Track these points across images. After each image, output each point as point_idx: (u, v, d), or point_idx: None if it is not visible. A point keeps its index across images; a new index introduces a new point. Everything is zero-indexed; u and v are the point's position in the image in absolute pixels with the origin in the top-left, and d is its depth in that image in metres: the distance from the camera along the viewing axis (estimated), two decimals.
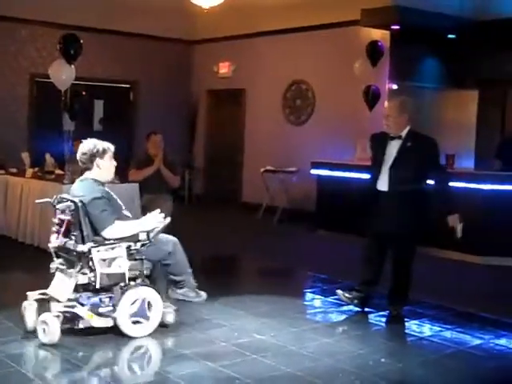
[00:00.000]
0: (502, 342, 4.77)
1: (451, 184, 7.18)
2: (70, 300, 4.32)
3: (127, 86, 12.01)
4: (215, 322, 4.87)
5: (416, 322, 5.16)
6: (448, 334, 4.90)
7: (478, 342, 4.73)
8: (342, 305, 5.47)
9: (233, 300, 5.51)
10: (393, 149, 5.08)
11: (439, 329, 5.02)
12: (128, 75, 11.80)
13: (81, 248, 4.32)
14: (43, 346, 4.18)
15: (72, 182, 7.30)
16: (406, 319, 5.22)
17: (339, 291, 5.48)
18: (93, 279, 4.29)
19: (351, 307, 5.41)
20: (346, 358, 4.23)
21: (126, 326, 4.37)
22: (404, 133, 5.08)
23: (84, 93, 8.43)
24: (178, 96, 12.29)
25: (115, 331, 4.38)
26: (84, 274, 4.31)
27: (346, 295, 5.40)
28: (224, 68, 12.06)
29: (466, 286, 6.48)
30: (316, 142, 10.38)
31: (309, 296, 6.09)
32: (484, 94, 10.30)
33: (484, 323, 5.16)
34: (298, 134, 10.87)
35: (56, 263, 4.42)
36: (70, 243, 4.35)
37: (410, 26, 9.02)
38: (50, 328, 4.16)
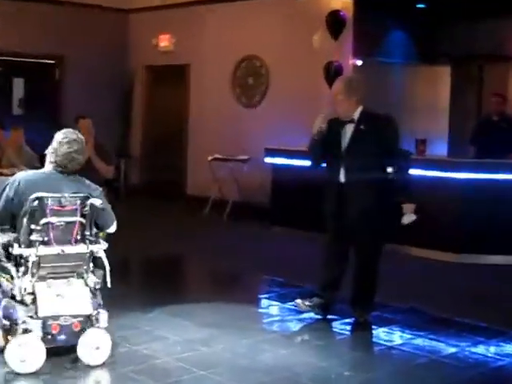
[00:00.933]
0: (480, 349, 4.84)
1: (421, 172, 7.41)
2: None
3: (52, 61, 11.86)
4: (156, 335, 4.82)
5: (384, 329, 5.21)
6: (420, 341, 4.96)
7: (452, 350, 4.78)
8: (302, 312, 5.50)
9: (177, 309, 5.48)
10: (347, 134, 5.17)
11: (410, 336, 5.07)
12: (53, 49, 11.62)
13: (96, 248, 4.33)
14: None
15: None
16: (373, 326, 5.27)
17: (298, 300, 5.52)
18: (99, 281, 4.33)
19: (312, 314, 5.43)
20: (305, 372, 4.25)
21: None
22: (356, 115, 5.15)
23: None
24: (112, 73, 12.18)
25: None
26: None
27: (307, 303, 5.44)
28: (164, 41, 12.00)
29: (439, 288, 6.55)
30: (271, 126, 10.42)
31: (264, 303, 6.10)
32: (458, 71, 10.47)
33: (460, 329, 5.21)
34: (251, 117, 10.90)
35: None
36: (84, 247, 4.30)
37: None
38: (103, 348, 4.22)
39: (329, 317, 5.39)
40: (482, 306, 5.88)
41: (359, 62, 9.80)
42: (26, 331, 4.03)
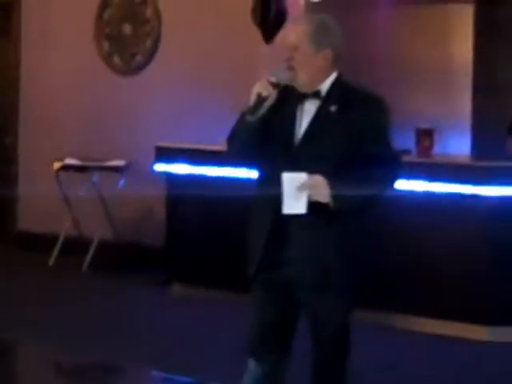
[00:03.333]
0: None
1: (424, 186, 7.45)
2: None
3: None
4: None
5: None
6: None
7: None
8: None
9: None
10: (304, 117, 5.03)
11: None
12: None
13: None
14: None
15: None
16: None
17: None
18: None
19: None
20: None
21: None
22: (325, 86, 5.02)
23: None
24: None
25: None
26: None
27: None
28: None
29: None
30: (165, 108, 10.49)
31: None
32: (486, 12, 10.44)
33: None
34: (129, 92, 10.91)
35: None
36: None
37: None
38: None
39: None
40: None
41: None
42: None
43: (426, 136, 8.57)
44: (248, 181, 8.16)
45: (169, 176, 9.43)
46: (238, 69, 9.68)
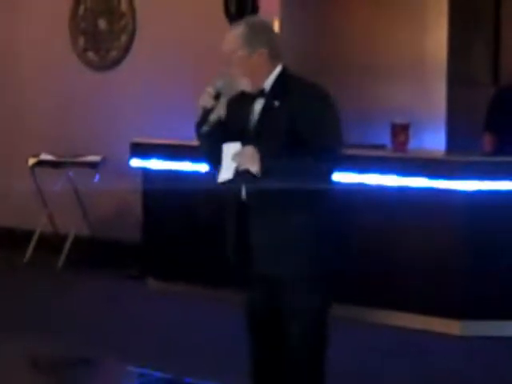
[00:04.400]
0: None
1: (399, 181, 7.59)
2: None
3: None
4: None
5: None
6: None
7: None
8: None
9: None
10: (254, 116, 5.20)
11: None
12: None
13: None
14: None
15: None
16: None
17: None
18: None
19: None
20: None
21: None
22: (268, 84, 5.17)
23: None
24: None
25: None
26: None
27: None
28: None
29: (432, 376, 6.81)
30: (140, 104, 10.52)
31: None
32: (460, 1, 10.50)
33: None
34: (104, 87, 10.94)
35: None
36: None
37: None
38: None
39: None
40: None
41: None
42: None
43: (401, 131, 8.56)
44: None
45: (145, 171, 9.47)
46: (213, 64, 9.67)
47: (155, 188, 9.32)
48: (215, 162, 5.25)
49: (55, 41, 11.15)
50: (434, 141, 9.84)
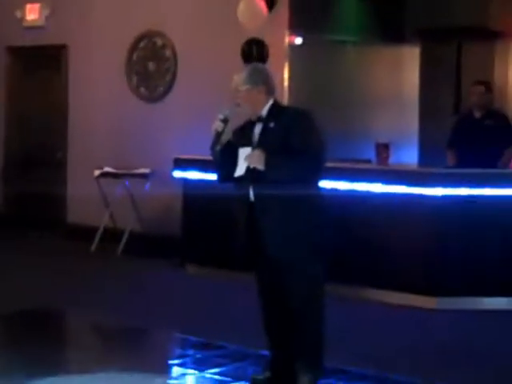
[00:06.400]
0: None
1: (382, 188, 7.96)
2: None
3: None
4: None
5: None
6: None
7: None
8: (226, 382, 5.53)
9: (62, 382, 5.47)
10: (255, 136, 5.42)
11: None
12: None
13: None
14: None
15: None
16: None
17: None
18: None
19: None
20: None
21: None
22: (264, 111, 5.41)
23: None
24: None
25: None
26: None
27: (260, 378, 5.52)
28: (33, 13, 11.88)
29: (414, 345, 6.59)
30: (181, 128, 10.41)
31: (175, 371, 6.07)
32: (429, 52, 10.55)
33: None
34: (153, 116, 10.83)
35: None
36: None
37: None
38: None
39: None
40: (469, 369, 5.94)
41: (298, 41, 9.90)
42: None
43: (383, 149, 8.67)
44: None
45: (184, 181, 9.40)
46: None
47: (192, 194, 9.26)
48: (226, 173, 5.46)
49: (115, 80, 11.16)
50: (408, 157, 9.97)
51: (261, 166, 5.17)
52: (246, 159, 5.25)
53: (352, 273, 7.90)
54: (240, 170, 5.27)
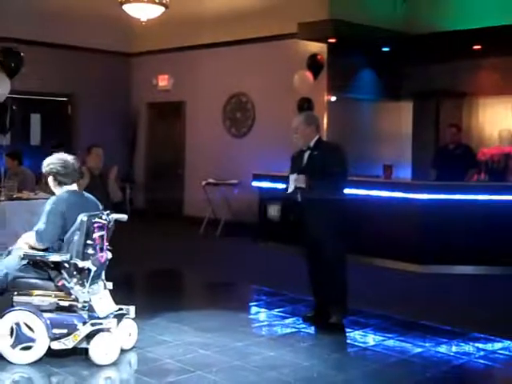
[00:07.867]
0: (442, 349, 4.82)
1: (388, 194, 7.77)
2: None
3: (64, 99, 11.72)
4: (159, 339, 4.78)
5: (359, 332, 5.19)
6: (391, 342, 4.94)
7: (419, 350, 4.78)
8: (287, 317, 5.50)
9: (176, 316, 5.41)
10: (304, 160, 5.35)
11: (382, 338, 5.04)
12: (65, 88, 11.51)
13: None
14: None
15: (9, 199, 6.99)
16: (349, 330, 5.22)
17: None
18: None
19: (296, 320, 5.42)
20: (290, 372, 4.21)
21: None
22: (312, 143, 5.33)
23: (14, 107, 8.07)
24: (118, 109, 12.12)
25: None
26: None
27: (308, 315, 5.48)
28: (163, 81, 11.96)
29: (406, 295, 6.54)
30: (257, 154, 10.38)
31: (253, 310, 6.06)
32: (418, 106, 10.58)
33: (425, 331, 5.19)
34: (239, 146, 10.86)
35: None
36: (109, 254, 4.53)
37: (346, 38, 9.16)
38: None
39: (309, 322, 5.35)
40: (443, 311, 5.85)
41: (333, 98, 9.82)
42: (101, 330, 4.16)
43: (388, 168, 8.55)
44: None
45: (260, 188, 9.37)
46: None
47: (265, 197, 9.17)
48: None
49: (215, 124, 11.14)
50: (405, 174, 9.93)
51: (303, 185, 5.18)
52: (294, 181, 5.23)
53: (365, 248, 7.74)
54: (290, 188, 5.25)
